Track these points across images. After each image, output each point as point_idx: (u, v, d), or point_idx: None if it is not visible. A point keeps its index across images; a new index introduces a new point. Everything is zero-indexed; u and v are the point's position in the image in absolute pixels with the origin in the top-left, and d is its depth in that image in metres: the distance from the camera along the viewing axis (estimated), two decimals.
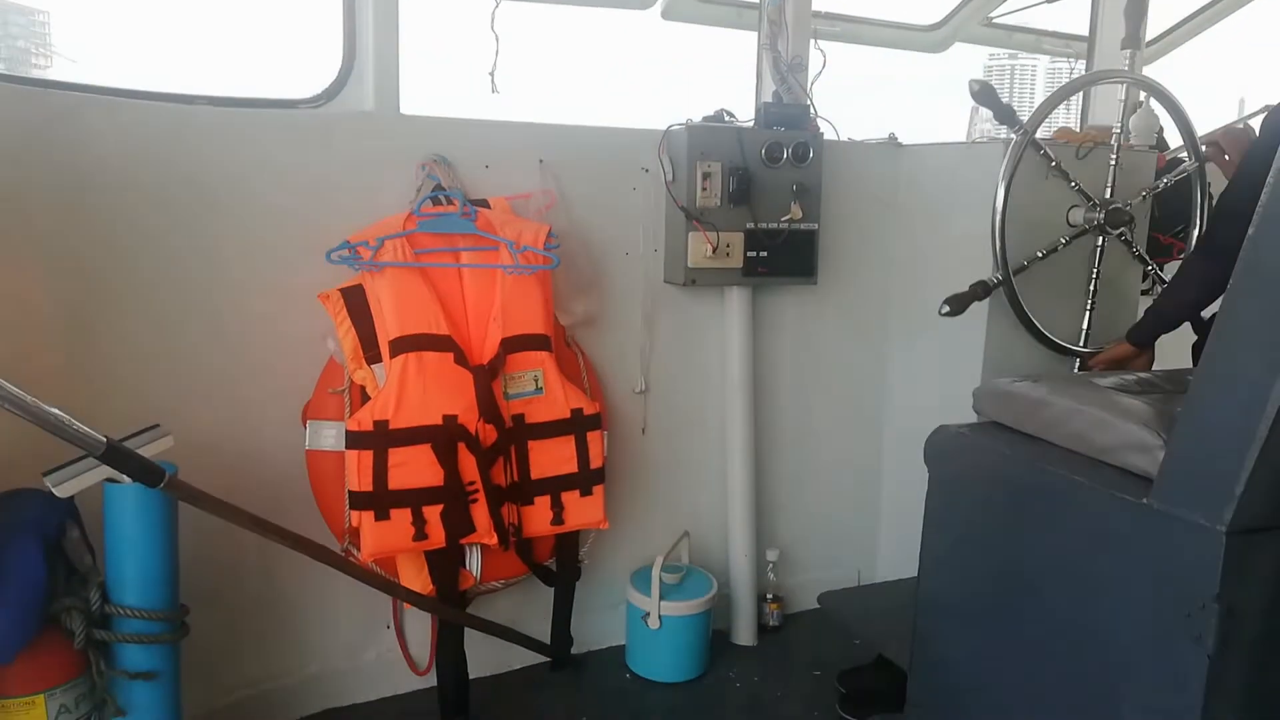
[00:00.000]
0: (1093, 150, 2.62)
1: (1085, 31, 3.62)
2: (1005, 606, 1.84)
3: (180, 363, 2.19)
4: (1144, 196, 2.62)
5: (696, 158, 2.60)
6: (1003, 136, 2.63)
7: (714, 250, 2.63)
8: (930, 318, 2.91)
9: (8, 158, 1.88)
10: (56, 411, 1.47)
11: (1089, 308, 2.66)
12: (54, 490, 1.57)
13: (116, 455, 1.56)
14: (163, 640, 1.75)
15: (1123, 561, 1.57)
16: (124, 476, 1.62)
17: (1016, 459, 1.82)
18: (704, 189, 2.61)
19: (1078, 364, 2.64)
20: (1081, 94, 3.46)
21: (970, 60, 3.74)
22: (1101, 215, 2.56)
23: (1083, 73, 3.68)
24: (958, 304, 2.49)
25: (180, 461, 1.77)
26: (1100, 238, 2.61)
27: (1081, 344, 2.65)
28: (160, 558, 1.75)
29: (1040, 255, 2.55)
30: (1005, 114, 2.43)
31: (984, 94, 2.40)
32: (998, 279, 2.48)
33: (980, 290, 2.49)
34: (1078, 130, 2.97)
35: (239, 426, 2.28)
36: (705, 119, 2.68)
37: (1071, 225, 2.62)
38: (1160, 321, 2.39)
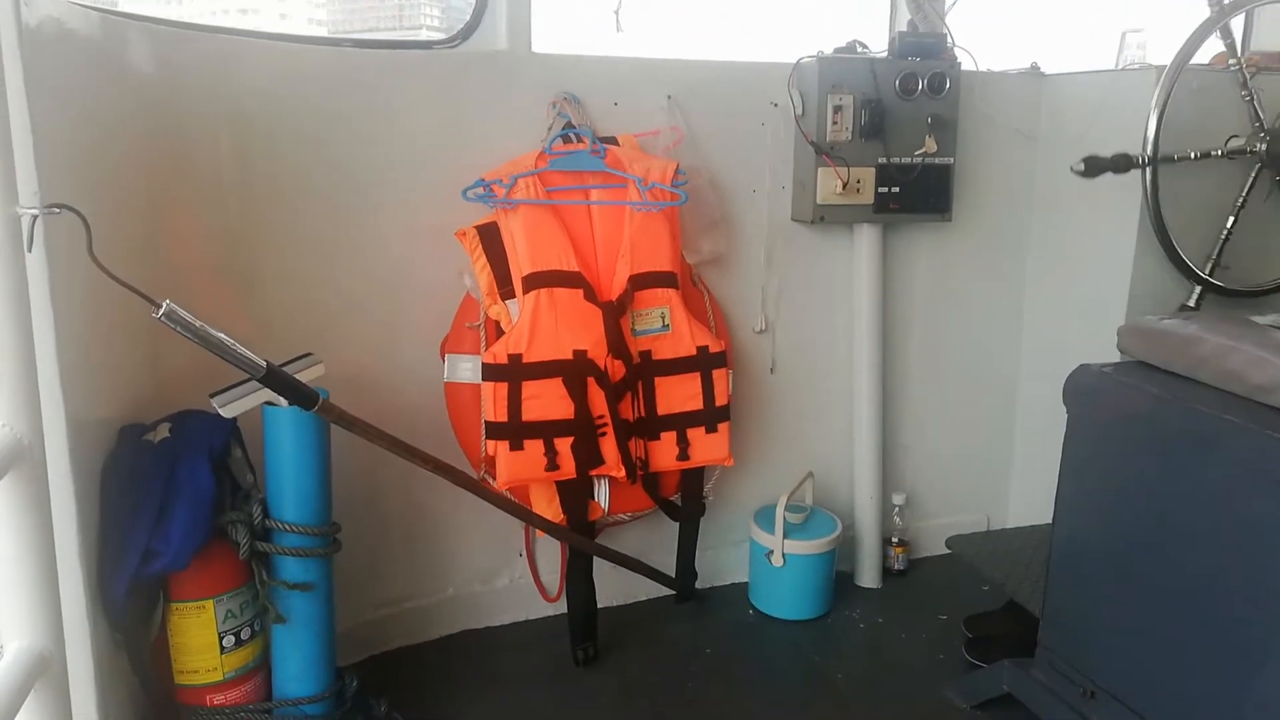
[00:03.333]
0: (1255, 76, 2.43)
1: None
2: (1148, 552, 1.78)
3: (326, 296, 2.30)
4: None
5: (828, 90, 2.54)
6: (1155, 65, 2.47)
7: (844, 186, 2.58)
8: (1072, 255, 2.81)
9: (175, 99, 2.00)
10: (223, 336, 1.57)
11: (1224, 237, 2.50)
12: (220, 411, 1.69)
13: (275, 379, 1.67)
14: (317, 554, 1.87)
15: None
16: (281, 399, 1.73)
17: (1165, 398, 1.74)
18: (835, 123, 2.55)
19: (1195, 292, 2.47)
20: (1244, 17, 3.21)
21: None
22: (1264, 146, 2.39)
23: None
24: (1092, 167, 2.36)
25: (326, 389, 1.87)
26: (1255, 167, 2.44)
27: (1206, 272, 2.50)
28: (314, 477, 1.86)
29: (1194, 156, 2.40)
30: (1119, 163, 2.31)
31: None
32: (1145, 158, 2.34)
33: (1122, 162, 2.35)
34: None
35: (380, 357, 2.38)
36: (837, 50, 2.61)
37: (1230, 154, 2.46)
38: None
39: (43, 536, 1.29)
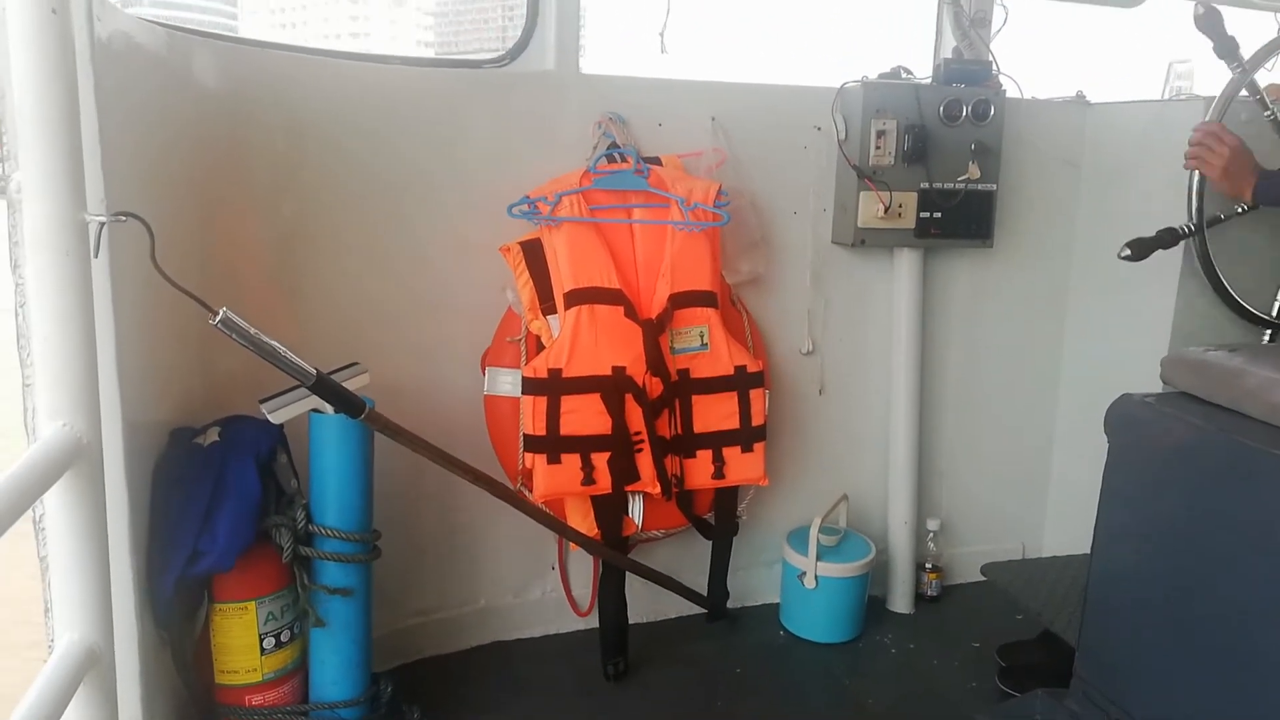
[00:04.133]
0: None
1: None
2: (1189, 585, 1.76)
3: (370, 306, 2.34)
4: None
5: (871, 115, 2.55)
6: (1202, 96, 2.46)
7: (886, 210, 2.58)
8: (1114, 284, 2.79)
9: (233, 113, 2.05)
10: (275, 343, 1.61)
11: None
12: (269, 416, 1.73)
13: (324, 386, 1.70)
14: (358, 560, 1.91)
15: None
16: (328, 407, 1.76)
17: (1209, 430, 1.73)
18: (878, 147, 2.56)
19: (1268, 335, 2.45)
20: None
21: (1165, 14, 3.48)
22: None
23: None
24: (1140, 249, 2.30)
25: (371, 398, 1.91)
26: None
27: (1276, 314, 2.47)
28: (357, 484, 1.90)
29: (1240, 210, 2.37)
30: (1227, 47, 2.22)
31: (1207, 19, 2.19)
32: (1190, 228, 2.31)
33: (1168, 237, 2.31)
34: None
35: (421, 369, 2.40)
36: (881, 76, 2.63)
37: None
38: None
39: (97, 533, 1.33)
